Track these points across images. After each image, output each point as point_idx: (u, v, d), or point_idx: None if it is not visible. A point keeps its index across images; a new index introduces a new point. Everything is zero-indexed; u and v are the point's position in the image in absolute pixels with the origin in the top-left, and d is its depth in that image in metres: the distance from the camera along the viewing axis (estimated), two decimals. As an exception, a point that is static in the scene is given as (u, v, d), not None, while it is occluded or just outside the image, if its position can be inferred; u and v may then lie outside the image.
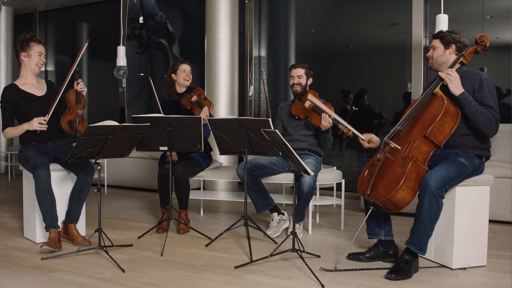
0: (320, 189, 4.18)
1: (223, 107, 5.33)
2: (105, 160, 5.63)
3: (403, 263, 2.56)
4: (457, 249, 2.65)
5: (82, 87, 3.25)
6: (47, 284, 2.42)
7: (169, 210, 3.39)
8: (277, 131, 2.54)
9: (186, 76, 3.75)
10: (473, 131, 2.66)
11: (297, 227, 3.36)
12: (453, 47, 2.74)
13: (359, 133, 2.95)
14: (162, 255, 2.94)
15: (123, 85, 6.99)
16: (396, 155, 2.64)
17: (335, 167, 3.91)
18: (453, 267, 2.66)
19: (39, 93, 3.26)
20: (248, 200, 3.21)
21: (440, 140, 2.59)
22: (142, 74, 7.26)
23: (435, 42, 2.79)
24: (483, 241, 2.72)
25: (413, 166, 2.54)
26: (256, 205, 3.46)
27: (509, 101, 4.74)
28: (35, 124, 3.05)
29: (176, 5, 7.19)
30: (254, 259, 2.79)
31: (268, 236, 3.30)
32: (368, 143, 2.93)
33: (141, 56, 7.21)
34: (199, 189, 4.94)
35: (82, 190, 3.13)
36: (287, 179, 3.55)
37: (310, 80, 3.61)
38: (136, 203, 4.89)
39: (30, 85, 3.26)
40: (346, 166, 5.73)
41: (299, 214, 3.32)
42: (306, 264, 2.56)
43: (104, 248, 2.82)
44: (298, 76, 3.56)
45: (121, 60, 5.12)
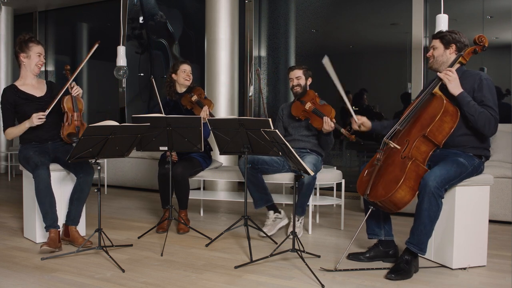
0: (320, 189, 4.18)
1: (223, 107, 5.33)
2: (105, 160, 5.63)
3: (403, 263, 2.56)
4: (457, 249, 2.65)
5: (77, 91, 3.23)
6: (47, 284, 2.42)
7: (169, 210, 3.40)
8: (277, 131, 2.54)
9: (186, 76, 3.75)
10: (472, 131, 2.66)
11: (297, 225, 3.36)
12: (453, 47, 2.74)
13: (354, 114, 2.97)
14: (162, 255, 2.94)
15: (123, 85, 7.00)
16: (395, 154, 2.64)
17: (335, 167, 3.92)
18: (453, 267, 2.66)
19: (38, 93, 3.26)
20: (248, 200, 3.21)
21: (440, 140, 2.59)
22: (142, 74, 7.26)
23: (435, 42, 2.79)
24: (483, 241, 2.72)
25: (412, 166, 2.54)
26: (255, 200, 3.44)
27: (508, 101, 4.74)
28: (35, 120, 3.06)
29: (176, 5, 7.19)
30: (254, 259, 2.79)
31: (265, 234, 3.30)
32: (359, 127, 2.96)
33: (141, 56, 7.21)
34: (199, 189, 4.94)
35: (82, 190, 3.13)
36: (287, 179, 3.56)
37: (309, 80, 3.62)
38: (136, 203, 4.89)
39: (29, 85, 3.26)
40: (346, 166, 5.73)
41: (300, 208, 3.31)
42: (306, 264, 2.56)
43: (104, 248, 2.83)
44: (297, 77, 3.58)
45: (121, 60, 5.12)
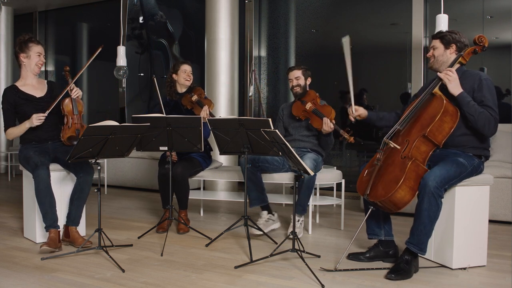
0: (320, 189, 4.18)
1: (223, 107, 5.33)
2: (105, 160, 5.63)
3: (403, 263, 2.56)
4: (457, 249, 2.65)
5: (76, 93, 3.23)
6: (47, 284, 2.42)
7: (169, 210, 3.41)
8: (277, 131, 2.54)
9: (186, 76, 3.76)
10: (472, 131, 2.66)
11: (297, 226, 3.35)
12: (454, 47, 2.74)
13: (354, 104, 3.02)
14: (162, 255, 2.94)
15: (123, 85, 7.00)
16: (395, 155, 2.64)
17: (335, 167, 3.92)
18: (453, 267, 2.66)
19: (38, 94, 3.26)
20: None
21: (439, 140, 2.59)
22: (142, 74, 7.26)
23: (435, 43, 2.79)
24: (483, 241, 2.72)
25: (412, 166, 2.54)
26: (251, 198, 3.42)
27: (508, 101, 4.74)
28: (35, 121, 3.06)
29: (176, 5, 7.19)
30: (254, 259, 2.79)
31: (262, 232, 3.29)
32: (354, 118, 2.98)
33: (141, 56, 7.21)
34: (199, 189, 4.94)
35: (82, 190, 3.12)
36: (287, 179, 3.56)
37: (308, 80, 3.63)
38: (136, 203, 4.89)
39: (30, 86, 3.26)
40: (346, 166, 5.73)
41: (300, 207, 3.30)
42: (306, 264, 2.56)
43: (104, 248, 2.83)
44: (296, 78, 3.59)
45: (121, 60, 5.12)
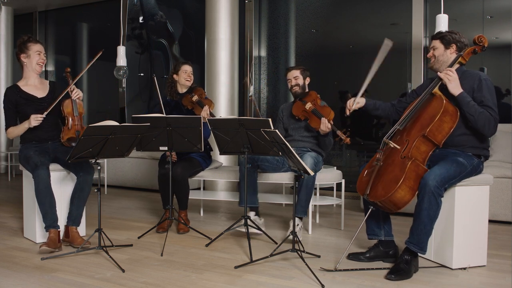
0: (320, 189, 4.18)
1: (223, 107, 5.33)
2: (105, 160, 5.63)
3: (403, 263, 2.56)
4: (457, 249, 2.65)
5: (77, 94, 3.23)
6: (47, 284, 2.42)
7: (169, 210, 3.41)
8: (277, 131, 2.54)
9: (187, 76, 3.76)
10: (471, 131, 2.66)
11: (297, 229, 3.34)
12: (454, 47, 2.74)
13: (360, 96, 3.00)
14: (162, 255, 2.94)
15: (123, 85, 7.00)
16: (395, 154, 2.64)
17: (335, 167, 3.91)
18: (453, 267, 2.66)
19: (40, 94, 3.26)
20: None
21: (439, 140, 2.59)
22: (142, 74, 7.26)
23: (435, 43, 2.79)
24: (483, 241, 2.73)
25: (412, 166, 2.54)
26: (241, 198, 3.39)
27: (508, 101, 4.74)
28: (33, 121, 3.06)
29: (176, 5, 7.19)
30: (254, 259, 2.80)
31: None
32: (349, 111, 2.98)
33: (141, 56, 7.21)
34: (199, 189, 4.94)
35: (82, 190, 3.12)
36: (287, 179, 3.56)
37: (307, 80, 3.63)
38: (136, 203, 4.89)
39: (32, 86, 3.27)
40: (346, 166, 5.73)
41: (301, 208, 3.27)
42: (306, 264, 2.56)
43: (104, 248, 2.83)
44: (295, 77, 3.59)
45: (121, 60, 5.12)
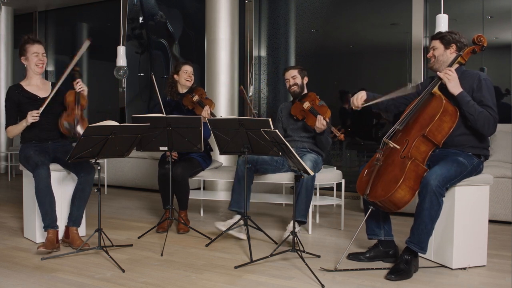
0: (320, 189, 4.18)
1: (223, 107, 5.33)
2: (105, 160, 5.63)
3: (403, 263, 2.56)
4: (457, 249, 2.65)
5: (81, 87, 3.25)
6: (47, 284, 2.42)
7: (169, 210, 3.41)
8: (277, 131, 2.54)
9: (187, 77, 3.76)
10: (471, 131, 2.66)
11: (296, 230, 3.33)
12: (454, 46, 2.74)
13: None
14: (162, 255, 2.94)
15: (123, 85, 7.00)
16: (395, 154, 2.64)
17: (335, 167, 3.91)
18: (453, 267, 2.66)
19: (42, 94, 3.27)
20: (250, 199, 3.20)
21: (439, 140, 2.59)
22: (142, 74, 7.26)
23: (435, 43, 2.79)
24: (483, 241, 2.73)
25: (412, 165, 2.54)
26: (232, 200, 3.37)
27: (508, 101, 4.74)
28: (29, 118, 3.06)
29: (176, 5, 7.19)
30: (254, 259, 2.80)
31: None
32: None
33: (141, 56, 7.21)
34: (199, 189, 4.94)
35: (83, 190, 3.12)
36: (287, 179, 3.56)
37: (305, 79, 3.63)
38: (136, 203, 4.89)
39: (34, 86, 3.29)
40: (346, 166, 5.73)
41: (302, 211, 3.20)
42: (306, 264, 2.57)
43: (104, 248, 2.83)
44: (293, 77, 3.59)
45: (121, 60, 5.12)
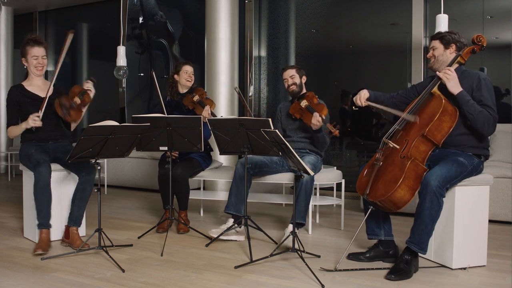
0: (320, 189, 4.18)
1: (223, 107, 5.33)
2: (105, 160, 5.63)
3: (403, 263, 2.56)
4: (457, 249, 2.65)
5: (89, 87, 3.27)
6: (47, 284, 2.42)
7: (169, 210, 3.41)
8: (277, 131, 2.54)
9: (188, 77, 3.76)
10: (470, 130, 2.66)
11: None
12: (453, 46, 2.74)
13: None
14: (162, 255, 2.94)
15: (123, 85, 7.00)
16: (394, 154, 2.64)
17: (335, 167, 3.91)
18: (453, 267, 2.66)
19: (43, 94, 3.26)
20: (248, 200, 3.20)
21: (438, 139, 2.59)
22: (142, 74, 7.26)
23: (435, 43, 2.79)
24: (483, 241, 2.73)
25: (411, 165, 2.54)
26: (229, 202, 3.36)
27: (508, 101, 4.74)
28: (30, 122, 3.06)
29: (176, 5, 7.19)
30: (254, 259, 2.79)
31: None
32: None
33: (141, 56, 7.21)
34: (199, 189, 4.94)
35: (84, 190, 3.12)
36: (287, 179, 3.56)
37: (303, 78, 3.63)
38: (136, 203, 4.89)
39: (36, 86, 3.30)
40: (346, 166, 5.73)
41: (300, 213, 3.20)
42: (306, 264, 2.57)
43: (104, 248, 2.83)
44: (291, 76, 3.60)
45: (121, 60, 5.12)
